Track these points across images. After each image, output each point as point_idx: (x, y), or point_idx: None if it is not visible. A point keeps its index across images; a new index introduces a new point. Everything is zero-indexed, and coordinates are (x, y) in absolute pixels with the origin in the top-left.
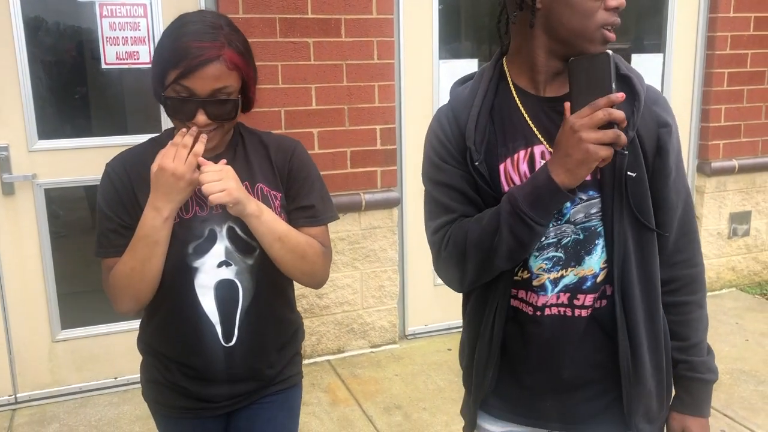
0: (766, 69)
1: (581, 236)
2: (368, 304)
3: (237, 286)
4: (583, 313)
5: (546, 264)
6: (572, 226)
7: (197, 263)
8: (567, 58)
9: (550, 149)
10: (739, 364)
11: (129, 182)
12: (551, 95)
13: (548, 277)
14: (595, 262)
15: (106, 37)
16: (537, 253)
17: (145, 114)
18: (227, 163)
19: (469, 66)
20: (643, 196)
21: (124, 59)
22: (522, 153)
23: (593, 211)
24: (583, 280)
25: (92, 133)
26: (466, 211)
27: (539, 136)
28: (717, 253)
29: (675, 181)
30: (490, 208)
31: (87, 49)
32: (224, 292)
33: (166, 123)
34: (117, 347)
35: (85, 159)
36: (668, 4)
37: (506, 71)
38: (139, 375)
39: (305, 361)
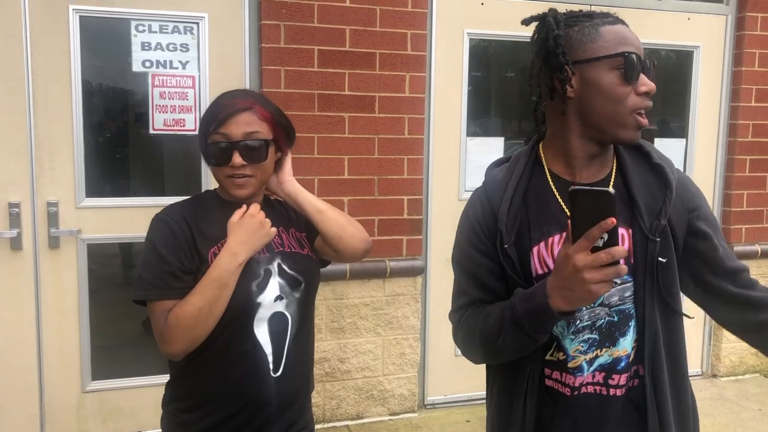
0: None
1: (615, 318)
2: (389, 371)
3: (287, 318)
4: (618, 392)
5: (582, 346)
6: (606, 308)
7: (260, 299)
8: (602, 142)
9: None
10: None
11: (189, 230)
12: (586, 180)
13: (584, 359)
14: (628, 343)
15: (156, 105)
16: (572, 336)
17: (183, 177)
18: (268, 214)
19: (496, 143)
20: (672, 280)
21: (171, 126)
22: (557, 237)
23: (627, 294)
24: (617, 360)
25: (133, 193)
26: (481, 297)
27: None
28: None
29: (724, 253)
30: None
31: (137, 114)
32: (276, 323)
33: (205, 185)
34: (142, 401)
35: (125, 217)
36: (691, 91)
37: (542, 156)
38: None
39: (325, 425)
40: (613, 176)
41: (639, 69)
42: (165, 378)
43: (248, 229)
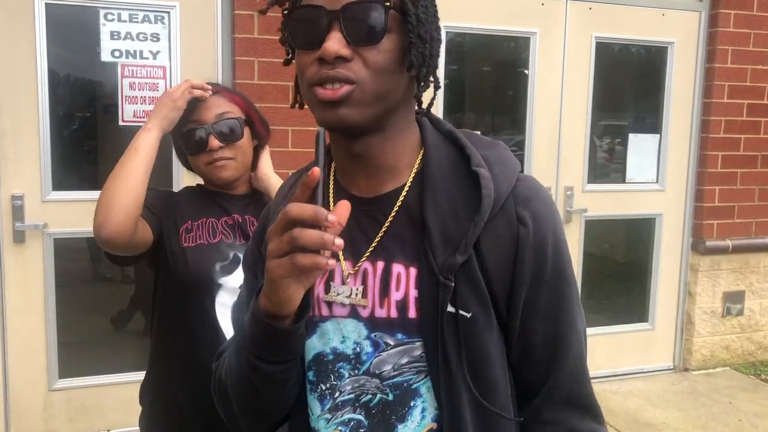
0: (758, 153)
1: (390, 396)
2: None
3: None
4: None
5: (342, 430)
6: (377, 380)
7: (222, 280)
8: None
9: (345, 269)
10: None
11: (167, 200)
12: (364, 195)
13: None
14: None
15: (126, 96)
16: (329, 416)
17: (154, 170)
18: (251, 202)
19: None
20: (484, 351)
21: (141, 117)
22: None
23: (405, 361)
24: None
25: (101, 186)
26: None
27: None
28: (711, 332)
29: (553, 313)
30: None
31: (105, 105)
32: None
33: (176, 177)
34: (110, 399)
35: (93, 210)
36: (665, 87)
37: None
38: (131, 429)
39: None
40: (405, 190)
41: (312, 27)
42: (134, 375)
43: (161, 102)
